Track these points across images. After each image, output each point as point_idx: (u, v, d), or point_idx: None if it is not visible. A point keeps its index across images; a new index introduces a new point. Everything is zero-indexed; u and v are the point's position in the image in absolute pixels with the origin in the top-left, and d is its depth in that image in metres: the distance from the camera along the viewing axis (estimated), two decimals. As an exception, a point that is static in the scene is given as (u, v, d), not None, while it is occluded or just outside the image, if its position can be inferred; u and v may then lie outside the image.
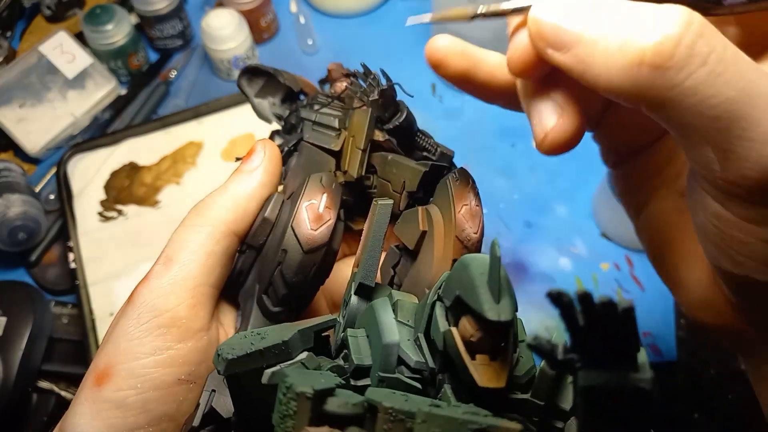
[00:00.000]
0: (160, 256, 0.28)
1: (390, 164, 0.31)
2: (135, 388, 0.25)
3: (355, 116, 0.32)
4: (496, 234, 0.60)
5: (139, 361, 0.26)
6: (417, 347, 0.21)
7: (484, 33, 0.60)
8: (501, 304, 0.18)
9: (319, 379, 0.18)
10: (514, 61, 0.24)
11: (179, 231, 0.29)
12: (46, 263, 0.60)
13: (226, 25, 0.65)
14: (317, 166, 0.31)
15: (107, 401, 0.25)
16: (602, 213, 0.59)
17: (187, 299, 0.27)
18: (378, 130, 0.32)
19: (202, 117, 0.64)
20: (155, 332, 0.26)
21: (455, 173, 0.30)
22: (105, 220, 0.60)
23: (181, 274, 0.27)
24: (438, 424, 0.16)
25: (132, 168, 0.62)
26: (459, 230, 0.28)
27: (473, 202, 0.29)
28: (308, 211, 0.27)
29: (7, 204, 0.57)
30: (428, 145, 0.34)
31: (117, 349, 0.26)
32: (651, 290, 0.57)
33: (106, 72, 0.68)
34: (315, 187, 0.28)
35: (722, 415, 0.52)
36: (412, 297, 0.24)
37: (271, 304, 0.29)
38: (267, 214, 0.29)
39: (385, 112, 0.32)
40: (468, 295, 0.19)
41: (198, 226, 0.28)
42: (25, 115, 0.65)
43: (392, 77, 0.36)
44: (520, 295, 0.61)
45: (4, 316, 0.52)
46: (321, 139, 0.31)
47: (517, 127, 0.66)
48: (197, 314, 0.27)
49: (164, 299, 0.27)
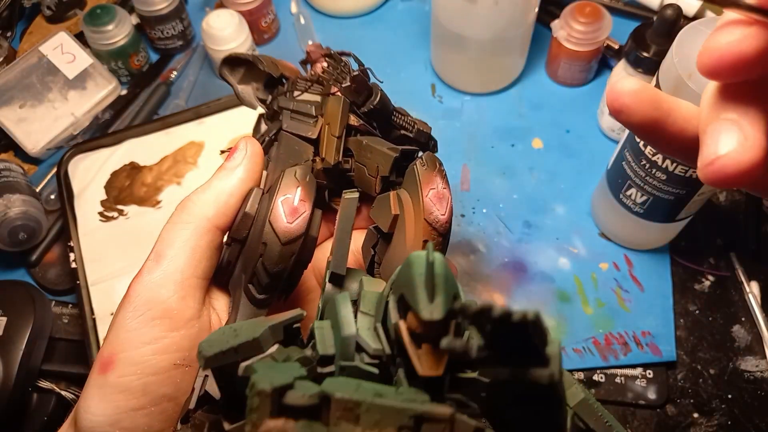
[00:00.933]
0: (150, 252, 0.31)
1: (365, 149, 0.33)
2: (135, 374, 0.28)
3: (329, 104, 0.33)
4: (496, 234, 0.60)
5: (138, 350, 0.28)
6: (376, 335, 0.23)
7: (484, 33, 0.60)
8: (434, 303, 0.20)
9: (285, 371, 0.20)
10: (714, 54, 0.19)
11: (167, 228, 0.31)
12: (47, 263, 0.60)
13: (227, 26, 0.66)
14: (295, 155, 0.32)
15: (112, 386, 0.28)
16: (601, 213, 0.59)
17: (177, 292, 0.30)
18: (353, 115, 0.34)
19: (203, 117, 0.64)
20: (150, 323, 0.29)
21: (422, 158, 0.31)
22: (106, 220, 0.60)
23: (170, 268, 0.30)
24: (380, 411, 0.18)
25: (133, 168, 0.62)
26: (427, 213, 0.30)
27: (440, 185, 0.30)
28: (284, 205, 0.29)
29: (7, 204, 0.57)
30: (405, 123, 0.35)
31: (118, 340, 0.29)
32: (650, 290, 0.57)
33: (107, 72, 0.68)
34: (289, 182, 0.30)
35: (722, 415, 0.52)
36: (379, 284, 0.26)
37: (257, 292, 0.30)
38: (247, 209, 0.31)
39: (359, 96, 0.34)
40: (408, 294, 0.21)
41: (183, 223, 0.31)
42: (25, 115, 0.65)
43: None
44: (519, 295, 0.61)
45: (4, 316, 0.52)
46: (299, 127, 0.33)
47: (517, 127, 0.66)
48: (187, 305, 0.30)
49: (156, 293, 0.29)
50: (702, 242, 0.60)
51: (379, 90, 0.34)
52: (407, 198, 0.31)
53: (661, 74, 0.43)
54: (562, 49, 0.64)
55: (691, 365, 0.55)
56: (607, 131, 0.64)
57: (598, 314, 0.56)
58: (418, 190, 0.30)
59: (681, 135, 0.23)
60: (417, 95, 0.69)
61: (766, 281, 0.57)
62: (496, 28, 0.60)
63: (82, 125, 0.67)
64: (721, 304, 0.57)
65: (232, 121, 0.64)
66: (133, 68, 0.70)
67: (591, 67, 0.67)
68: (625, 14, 0.71)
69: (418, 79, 0.69)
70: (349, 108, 0.33)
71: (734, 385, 0.54)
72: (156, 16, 0.69)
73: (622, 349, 0.54)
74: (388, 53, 0.71)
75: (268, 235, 0.29)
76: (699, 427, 0.52)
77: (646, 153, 0.47)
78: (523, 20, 0.61)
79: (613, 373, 0.54)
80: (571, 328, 0.55)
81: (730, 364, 0.54)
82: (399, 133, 0.35)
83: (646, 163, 0.48)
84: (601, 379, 0.53)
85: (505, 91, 0.69)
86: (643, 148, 0.47)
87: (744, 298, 0.57)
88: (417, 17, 0.74)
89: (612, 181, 0.54)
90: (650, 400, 0.53)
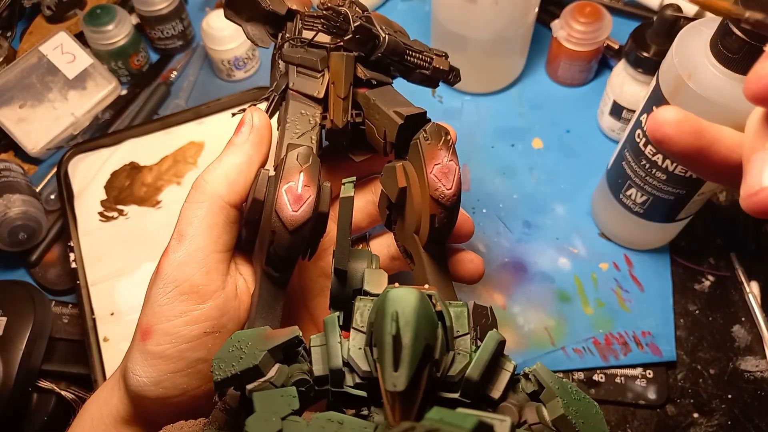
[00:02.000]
0: (174, 230, 0.33)
1: (372, 108, 0.32)
2: (171, 343, 0.31)
3: (333, 61, 0.32)
4: (496, 234, 0.60)
5: (170, 323, 0.31)
6: (365, 356, 0.24)
7: (484, 33, 0.60)
8: (398, 374, 0.20)
9: (280, 405, 0.22)
10: (763, 81, 0.19)
11: (185, 207, 0.33)
12: (47, 263, 0.60)
13: (227, 26, 0.66)
14: (303, 122, 0.32)
15: (151, 353, 0.31)
16: (601, 213, 0.59)
17: (200, 268, 0.32)
18: (361, 67, 0.32)
19: (203, 117, 0.64)
20: (179, 299, 0.31)
21: (426, 130, 0.30)
22: (106, 220, 0.60)
23: (192, 246, 0.32)
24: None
25: (133, 168, 0.62)
26: (432, 190, 0.29)
27: (446, 158, 0.29)
28: (288, 194, 0.29)
29: (7, 204, 0.57)
30: (421, 60, 0.34)
31: (152, 312, 0.31)
32: (650, 290, 0.57)
33: (107, 72, 0.68)
34: (292, 168, 0.30)
35: (722, 415, 0.52)
36: (379, 283, 0.26)
37: (273, 271, 0.31)
38: (255, 195, 0.31)
39: (365, 46, 0.32)
40: (378, 349, 0.22)
41: (198, 203, 0.33)
42: (25, 115, 0.65)
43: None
44: (519, 295, 0.61)
45: (4, 316, 0.52)
46: (305, 85, 0.32)
47: (517, 127, 0.66)
48: (211, 279, 0.32)
49: (181, 270, 0.31)
50: (702, 242, 0.60)
51: (386, 35, 0.33)
52: (412, 171, 0.31)
53: (661, 74, 0.43)
54: (562, 49, 0.64)
55: (691, 365, 0.55)
56: (607, 131, 0.64)
57: (598, 314, 0.56)
58: (422, 166, 0.30)
59: (724, 163, 0.23)
60: (417, 95, 0.69)
61: (766, 281, 0.57)
62: (496, 28, 0.60)
63: (82, 125, 0.67)
64: (721, 304, 0.57)
65: (232, 121, 0.64)
66: (133, 68, 0.70)
67: (591, 67, 0.67)
68: (625, 14, 0.71)
69: (418, 79, 0.69)
70: (355, 61, 0.32)
71: (734, 385, 0.54)
72: (156, 16, 0.69)
73: (622, 349, 0.54)
74: (388, 53, 0.71)
75: (276, 224, 0.29)
76: (699, 427, 0.52)
77: (646, 153, 0.47)
78: (523, 20, 0.61)
79: (613, 373, 0.54)
80: (571, 328, 0.55)
81: (730, 364, 0.54)
82: (417, 72, 0.34)
83: (646, 163, 0.48)
84: (601, 379, 0.53)
85: (505, 91, 0.69)
86: (643, 148, 0.47)
87: (744, 298, 0.57)
88: (417, 17, 0.74)
89: (612, 181, 0.54)
90: (650, 400, 0.53)
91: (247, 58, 0.69)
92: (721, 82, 0.38)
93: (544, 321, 0.56)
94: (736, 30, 0.36)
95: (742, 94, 0.21)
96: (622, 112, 0.61)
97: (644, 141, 0.47)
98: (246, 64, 0.69)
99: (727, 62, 0.38)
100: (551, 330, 0.55)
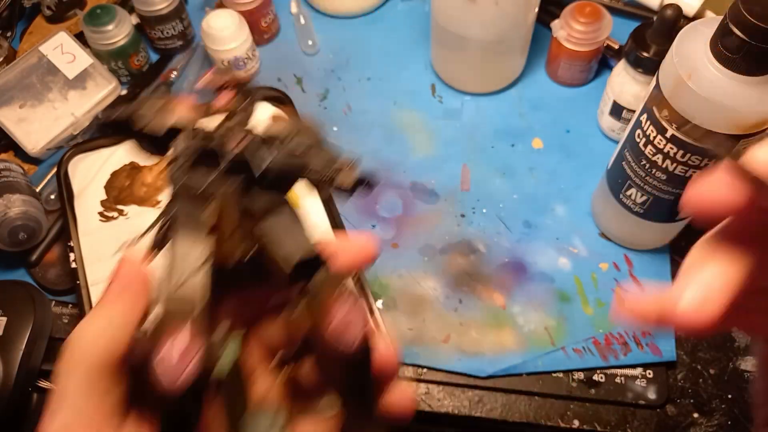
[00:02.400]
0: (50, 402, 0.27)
1: (264, 245, 0.27)
2: None
3: (219, 188, 0.28)
4: (496, 234, 0.60)
5: None
6: None
7: (484, 33, 0.60)
8: None
9: None
10: (707, 193, 0.19)
11: (59, 373, 0.27)
12: (47, 263, 0.60)
13: (227, 26, 0.66)
14: (189, 262, 0.27)
15: None
16: (601, 213, 0.59)
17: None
18: (252, 191, 0.28)
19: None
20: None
21: (310, 288, 0.26)
22: (106, 220, 0.60)
23: (70, 417, 0.26)
24: None
25: (133, 168, 0.62)
26: (332, 350, 0.25)
27: (341, 311, 0.25)
28: (162, 365, 0.24)
29: (7, 204, 0.57)
30: (321, 178, 0.27)
31: None
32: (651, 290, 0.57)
33: (107, 72, 0.68)
34: (165, 334, 0.24)
35: (722, 415, 0.52)
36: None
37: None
38: (130, 364, 0.27)
39: (247, 173, 0.28)
40: None
41: (69, 372, 0.27)
42: (25, 115, 0.65)
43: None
44: (519, 295, 0.61)
45: (4, 316, 0.52)
46: (190, 220, 0.28)
47: (517, 127, 0.66)
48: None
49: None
50: (702, 242, 0.60)
51: (269, 161, 0.27)
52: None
53: (661, 74, 0.43)
54: (562, 49, 0.64)
55: (691, 365, 0.55)
56: (607, 131, 0.64)
57: (598, 314, 0.56)
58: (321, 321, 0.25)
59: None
60: (417, 95, 0.69)
61: (766, 281, 0.57)
62: (496, 28, 0.60)
63: (82, 125, 0.67)
64: (721, 304, 0.57)
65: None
66: (133, 68, 0.70)
67: (591, 67, 0.67)
68: (625, 14, 0.71)
69: (418, 79, 0.69)
70: (244, 184, 0.27)
71: (734, 385, 0.54)
72: (156, 16, 0.69)
73: (622, 349, 0.54)
74: (388, 53, 0.71)
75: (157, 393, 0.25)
76: (699, 427, 0.52)
77: (646, 153, 0.47)
78: (523, 20, 0.61)
79: (613, 373, 0.54)
80: (571, 328, 0.55)
81: (730, 364, 0.54)
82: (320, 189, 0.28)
83: (646, 163, 0.48)
84: (601, 379, 0.53)
85: (505, 91, 0.69)
86: (643, 148, 0.47)
87: (744, 298, 0.57)
88: (417, 17, 0.74)
89: (612, 181, 0.54)
90: (650, 400, 0.53)
91: (247, 58, 0.69)
92: (721, 82, 0.38)
93: (544, 321, 0.56)
94: (736, 30, 0.36)
95: (742, 94, 0.21)
96: (622, 112, 0.61)
97: (644, 141, 0.47)
98: (246, 64, 0.69)
99: (727, 62, 0.38)
100: (551, 330, 0.55)
